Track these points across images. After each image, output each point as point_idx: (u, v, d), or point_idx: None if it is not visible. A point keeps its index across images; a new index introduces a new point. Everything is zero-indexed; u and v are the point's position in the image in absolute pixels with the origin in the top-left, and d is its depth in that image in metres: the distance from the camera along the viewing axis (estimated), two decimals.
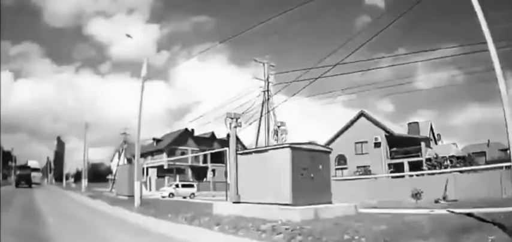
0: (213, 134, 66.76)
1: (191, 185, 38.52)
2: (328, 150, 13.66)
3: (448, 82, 46.71)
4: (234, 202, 13.24)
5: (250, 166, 13.01)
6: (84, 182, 41.62)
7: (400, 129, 47.74)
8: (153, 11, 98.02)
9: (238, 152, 13.54)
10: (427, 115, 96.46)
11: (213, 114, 21.37)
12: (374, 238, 7.18)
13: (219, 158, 64.05)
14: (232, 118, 14.09)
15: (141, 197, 17.97)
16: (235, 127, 14.12)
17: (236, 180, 13.12)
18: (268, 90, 20.75)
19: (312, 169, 11.82)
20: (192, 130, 59.94)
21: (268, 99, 20.41)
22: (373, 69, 17.69)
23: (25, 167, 45.82)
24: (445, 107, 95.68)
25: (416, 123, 48.59)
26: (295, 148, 11.56)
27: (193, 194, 35.70)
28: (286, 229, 8.37)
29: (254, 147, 16.48)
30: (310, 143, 12.91)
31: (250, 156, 13.26)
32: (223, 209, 13.05)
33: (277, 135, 18.41)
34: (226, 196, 32.36)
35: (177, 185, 37.79)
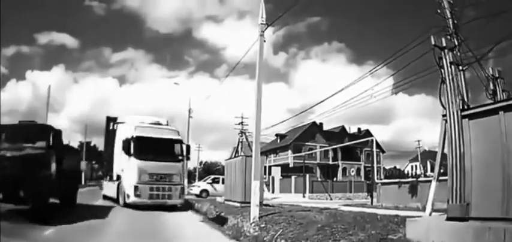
0: (343, 128, 59.10)
1: None
2: None
3: None
4: (450, 218, 6.18)
5: (488, 139, 5.96)
6: None
7: None
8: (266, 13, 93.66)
9: (464, 111, 6.30)
10: None
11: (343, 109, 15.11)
12: None
13: (350, 155, 56.12)
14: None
15: (261, 203, 11.71)
16: (451, 53, 6.87)
17: (460, 170, 5.92)
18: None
19: None
20: (321, 124, 52.95)
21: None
22: None
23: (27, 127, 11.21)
24: None
25: None
26: None
27: None
28: None
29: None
30: None
31: (498, 117, 5.86)
32: (426, 232, 6.23)
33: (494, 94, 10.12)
34: (371, 199, 24.30)
35: (214, 180, 27.15)
